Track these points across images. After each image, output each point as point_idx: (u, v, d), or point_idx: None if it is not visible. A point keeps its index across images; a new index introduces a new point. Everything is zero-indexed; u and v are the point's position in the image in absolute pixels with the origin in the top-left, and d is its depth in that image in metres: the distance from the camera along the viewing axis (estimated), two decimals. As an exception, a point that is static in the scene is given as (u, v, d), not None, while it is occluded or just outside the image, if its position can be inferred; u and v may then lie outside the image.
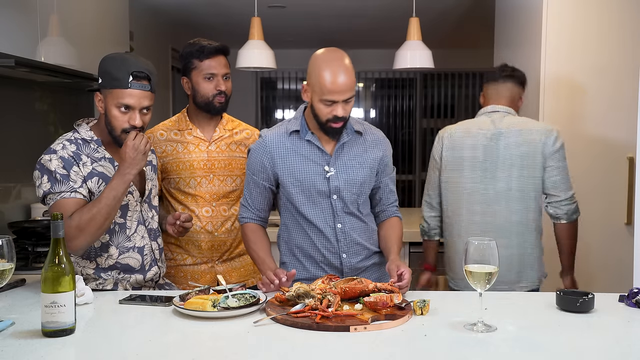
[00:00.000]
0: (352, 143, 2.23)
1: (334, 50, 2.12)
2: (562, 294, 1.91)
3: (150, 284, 2.23)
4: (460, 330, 1.70)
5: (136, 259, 2.16)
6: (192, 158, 2.50)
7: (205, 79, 2.46)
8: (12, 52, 2.34)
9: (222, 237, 2.53)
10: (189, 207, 2.50)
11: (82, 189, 2.03)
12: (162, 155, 2.50)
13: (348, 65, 2.07)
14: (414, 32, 3.81)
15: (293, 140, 2.20)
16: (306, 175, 2.19)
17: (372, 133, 2.29)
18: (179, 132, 2.55)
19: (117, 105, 2.03)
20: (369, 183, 2.26)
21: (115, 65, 2.03)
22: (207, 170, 2.51)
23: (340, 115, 2.08)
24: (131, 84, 2.02)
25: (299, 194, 2.19)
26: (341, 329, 1.67)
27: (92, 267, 2.12)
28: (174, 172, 2.50)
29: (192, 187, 2.50)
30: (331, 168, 2.19)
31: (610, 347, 1.63)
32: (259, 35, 3.78)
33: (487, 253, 1.69)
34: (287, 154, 2.19)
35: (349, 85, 2.05)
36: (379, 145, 2.28)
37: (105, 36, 3.42)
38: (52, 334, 1.61)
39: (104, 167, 2.10)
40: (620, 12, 3.11)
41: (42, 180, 2.02)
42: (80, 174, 2.04)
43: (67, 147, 2.06)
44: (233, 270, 2.58)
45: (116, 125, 2.05)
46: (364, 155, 2.24)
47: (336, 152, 2.20)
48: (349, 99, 2.07)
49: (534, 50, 3.27)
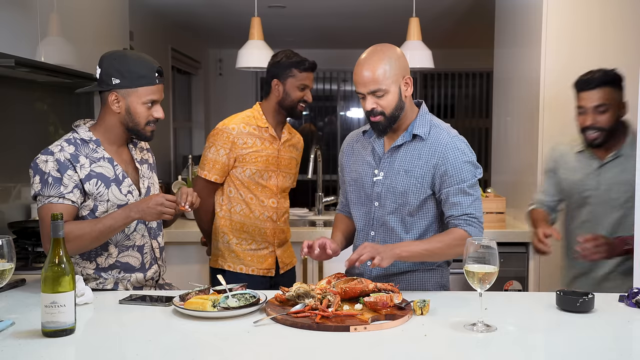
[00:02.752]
0: (408, 148, 2.11)
1: (380, 45, 2.10)
2: (562, 294, 1.91)
3: (151, 283, 2.23)
4: (460, 330, 1.70)
5: (136, 257, 2.16)
6: (268, 153, 2.76)
7: (299, 88, 2.74)
8: (12, 52, 2.34)
9: (282, 226, 2.86)
10: (259, 197, 2.77)
11: (72, 195, 2.03)
12: (243, 146, 2.71)
13: (379, 58, 2.03)
14: (414, 32, 3.81)
15: (363, 139, 2.23)
16: (358, 176, 2.20)
17: (436, 139, 2.09)
18: (257, 128, 2.76)
19: (145, 102, 2.07)
20: (417, 194, 2.08)
21: (137, 64, 2.07)
22: (276, 165, 2.79)
23: (369, 109, 2.06)
24: (158, 79, 2.09)
25: (352, 193, 2.23)
26: (341, 329, 1.67)
27: (92, 267, 2.12)
28: (252, 164, 2.73)
29: (264, 180, 2.77)
30: (380, 172, 2.14)
31: (610, 347, 1.64)
32: (259, 35, 3.78)
33: (487, 253, 1.69)
34: (351, 153, 2.24)
35: (371, 77, 2.02)
36: (437, 152, 2.07)
37: (105, 36, 3.41)
38: (52, 334, 1.61)
39: (103, 168, 2.10)
40: (620, 11, 3.11)
41: (34, 180, 2.03)
42: (73, 178, 2.04)
43: (65, 149, 2.06)
44: (285, 252, 2.90)
45: (141, 121, 2.09)
46: (415, 163, 2.09)
47: (388, 155, 2.13)
48: (376, 91, 2.03)
49: (534, 50, 3.27)
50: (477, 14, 5.28)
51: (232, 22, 5.74)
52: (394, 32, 4.87)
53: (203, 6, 5.17)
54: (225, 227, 2.77)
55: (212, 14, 5.52)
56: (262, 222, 2.77)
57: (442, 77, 8.05)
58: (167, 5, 5.15)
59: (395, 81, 2.04)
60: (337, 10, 5.28)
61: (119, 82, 2.05)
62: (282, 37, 6.45)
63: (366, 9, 5.19)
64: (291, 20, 5.79)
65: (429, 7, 4.86)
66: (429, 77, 8.04)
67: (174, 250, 3.34)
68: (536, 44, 3.23)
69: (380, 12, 5.26)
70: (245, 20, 3.99)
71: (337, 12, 5.38)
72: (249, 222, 2.76)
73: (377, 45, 2.10)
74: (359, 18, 5.57)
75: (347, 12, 5.36)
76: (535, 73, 3.24)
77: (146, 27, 5.01)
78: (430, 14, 5.09)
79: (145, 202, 2.02)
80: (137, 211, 2.02)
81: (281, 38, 6.45)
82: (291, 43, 6.88)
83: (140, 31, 4.69)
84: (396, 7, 4.83)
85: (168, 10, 5.31)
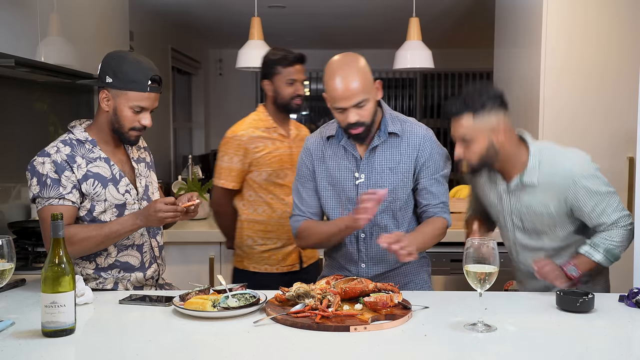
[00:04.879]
0: (385, 146, 2.13)
1: (344, 55, 2.07)
2: (562, 294, 1.91)
3: (151, 282, 2.22)
4: (460, 330, 1.70)
5: (135, 256, 2.16)
6: (280, 152, 2.81)
7: (287, 83, 2.74)
8: (12, 52, 2.34)
9: None
10: (279, 196, 2.82)
11: (71, 195, 2.03)
12: (256, 150, 2.76)
13: (354, 70, 2.01)
14: (414, 32, 3.81)
15: (330, 145, 2.19)
16: (337, 181, 2.17)
17: (411, 133, 2.15)
18: (266, 130, 2.81)
19: (132, 107, 2.05)
20: (405, 189, 2.14)
21: (132, 67, 2.04)
22: (291, 163, 2.82)
23: (353, 122, 2.03)
24: (150, 87, 2.05)
25: (331, 199, 2.20)
26: (341, 329, 1.67)
27: (91, 268, 2.12)
28: (267, 166, 2.78)
29: (281, 179, 2.81)
30: (361, 174, 2.14)
31: (610, 347, 1.64)
32: (259, 35, 3.78)
33: (487, 253, 1.69)
34: (322, 160, 2.20)
35: (354, 90, 1.99)
36: (415, 146, 2.13)
37: (105, 36, 3.41)
38: (52, 334, 1.61)
39: (100, 168, 2.10)
40: (620, 11, 3.11)
41: (32, 183, 2.03)
42: (71, 179, 2.03)
43: (61, 150, 2.06)
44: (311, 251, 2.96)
45: (125, 124, 2.07)
46: (398, 159, 2.13)
47: (366, 157, 2.13)
48: (359, 103, 2.01)
49: (534, 50, 3.27)
50: (477, 14, 5.28)
51: (232, 22, 5.74)
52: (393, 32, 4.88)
53: (203, 6, 5.17)
54: (250, 230, 2.84)
55: (212, 14, 5.52)
56: (285, 219, 2.78)
57: (442, 77, 8.05)
58: (167, 5, 5.14)
59: (372, 88, 2.05)
60: (337, 10, 5.28)
61: (111, 81, 2.05)
62: (282, 37, 6.45)
63: (366, 9, 5.19)
64: (291, 20, 5.79)
65: (429, 7, 4.86)
66: (429, 77, 8.04)
67: (174, 250, 3.34)
68: (536, 44, 3.23)
69: (380, 12, 5.26)
70: (245, 20, 4.00)
71: (337, 12, 5.38)
72: (272, 221, 2.82)
73: (343, 56, 2.07)
74: (359, 18, 5.57)
75: (347, 12, 5.36)
76: (535, 73, 3.24)
77: (146, 27, 5.01)
78: (430, 14, 5.10)
79: (147, 210, 2.03)
80: (142, 219, 2.04)
81: (281, 38, 6.45)
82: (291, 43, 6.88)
83: (140, 31, 4.69)
84: (396, 7, 4.83)
85: (168, 10, 5.31)
